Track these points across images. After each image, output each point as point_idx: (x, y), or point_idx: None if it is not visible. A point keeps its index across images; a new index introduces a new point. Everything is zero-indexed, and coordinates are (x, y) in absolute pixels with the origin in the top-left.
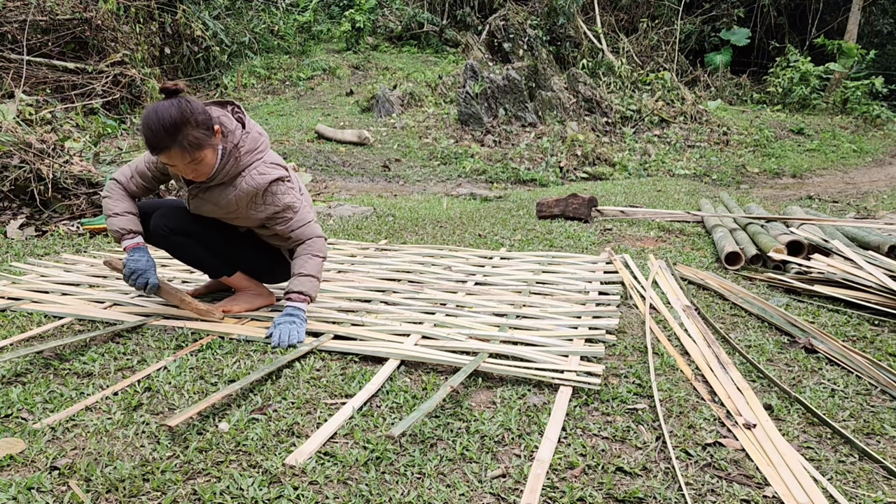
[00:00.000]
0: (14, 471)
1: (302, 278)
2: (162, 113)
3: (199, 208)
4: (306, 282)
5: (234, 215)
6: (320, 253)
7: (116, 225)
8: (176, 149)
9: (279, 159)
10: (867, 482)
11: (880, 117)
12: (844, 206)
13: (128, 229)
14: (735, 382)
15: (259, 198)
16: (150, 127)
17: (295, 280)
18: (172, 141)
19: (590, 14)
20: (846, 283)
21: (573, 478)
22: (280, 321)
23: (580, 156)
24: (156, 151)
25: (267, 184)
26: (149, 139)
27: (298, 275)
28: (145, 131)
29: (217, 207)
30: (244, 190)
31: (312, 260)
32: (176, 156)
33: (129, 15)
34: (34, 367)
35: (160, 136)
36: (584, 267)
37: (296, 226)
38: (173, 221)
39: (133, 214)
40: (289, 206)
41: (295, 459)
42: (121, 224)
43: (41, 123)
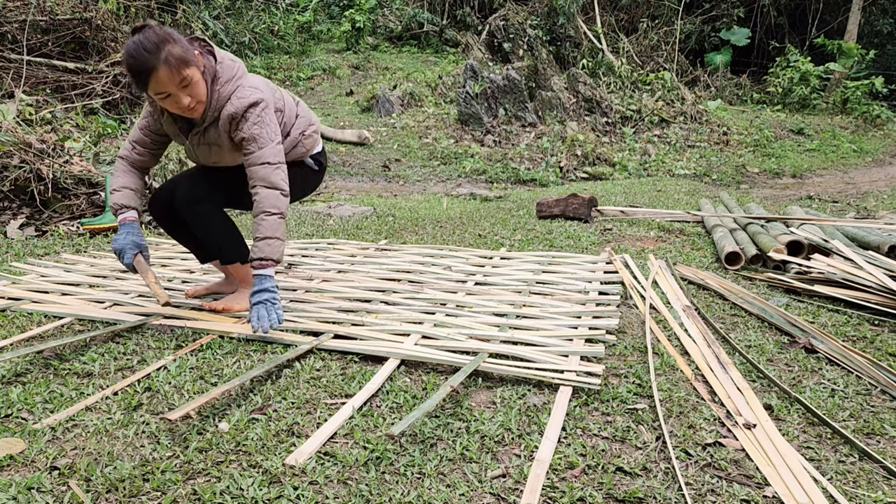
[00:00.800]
0: (14, 471)
1: (259, 243)
2: (140, 39)
3: (205, 157)
4: (264, 246)
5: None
6: (273, 209)
7: (111, 200)
8: (163, 68)
9: (260, 82)
10: (867, 482)
11: (880, 117)
12: (844, 206)
13: (119, 204)
14: (735, 382)
15: (235, 124)
16: (131, 54)
17: (254, 247)
18: (157, 59)
19: (590, 14)
20: (846, 283)
21: (573, 478)
22: (254, 300)
23: (580, 156)
24: (142, 77)
25: (244, 108)
26: (133, 66)
27: (255, 240)
28: (128, 60)
29: (218, 148)
30: (227, 119)
31: (266, 220)
32: (165, 78)
33: (130, 15)
34: (34, 366)
35: (143, 57)
36: (584, 267)
37: (256, 161)
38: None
39: (130, 189)
40: (255, 137)
41: (295, 459)
42: (114, 199)
43: (41, 123)
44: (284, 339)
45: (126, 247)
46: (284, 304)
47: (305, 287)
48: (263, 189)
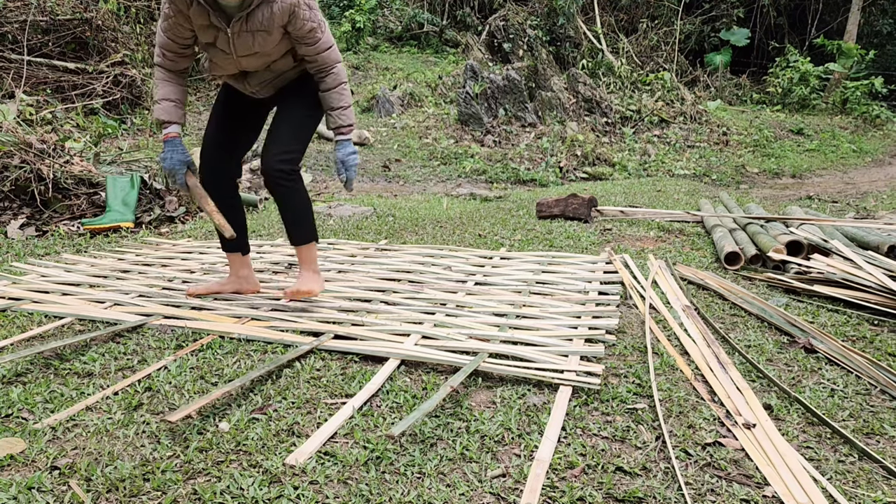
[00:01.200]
0: (14, 470)
1: (346, 111)
2: None
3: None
4: (350, 113)
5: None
6: (345, 80)
7: (155, 114)
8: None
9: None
10: (867, 482)
11: (880, 117)
12: (844, 207)
13: (161, 120)
14: (735, 382)
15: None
16: None
17: (341, 114)
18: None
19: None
20: (846, 283)
21: (573, 477)
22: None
23: (580, 156)
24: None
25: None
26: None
27: (340, 108)
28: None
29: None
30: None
31: (345, 92)
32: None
33: (130, 15)
34: (35, 366)
35: None
36: (584, 267)
37: (323, 47)
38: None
39: (170, 101)
40: (320, 22)
41: (295, 459)
42: (156, 113)
43: (42, 123)
44: (285, 340)
45: (174, 167)
46: (284, 304)
47: None
48: (336, 66)
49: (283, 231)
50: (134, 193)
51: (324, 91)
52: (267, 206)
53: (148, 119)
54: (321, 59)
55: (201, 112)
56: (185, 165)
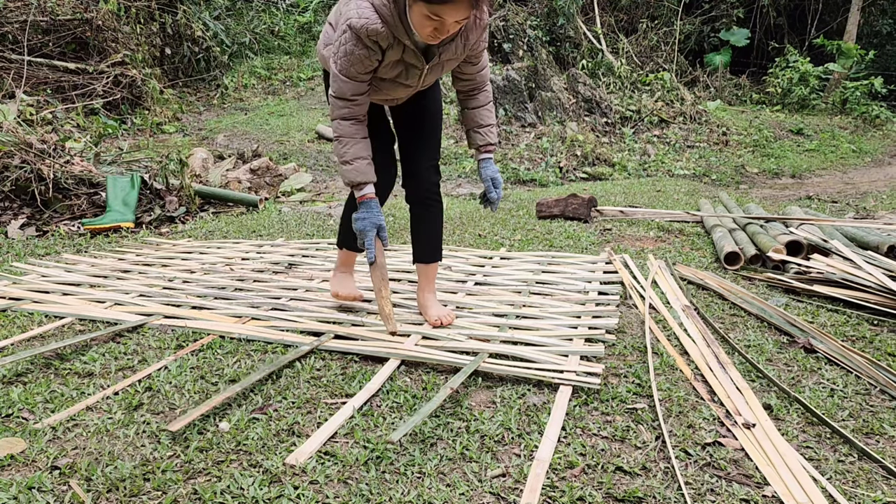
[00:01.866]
0: (15, 470)
1: (494, 128)
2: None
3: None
4: (496, 132)
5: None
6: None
7: (348, 176)
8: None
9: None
10: (866, 482)
11: (879, 117)
12: (844, 207)
13: (359, 181)
14: (734, 382)
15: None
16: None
17: (489, 131)
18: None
19: (589, 14)
20: (845, 283)
21: (573, 477)
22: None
23: (580, 156)
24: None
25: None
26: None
27: (490, 126)
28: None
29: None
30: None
31: (492, 109)
32: (460, 11)
33: (130, 15)
34: (35, 366)
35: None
36: (584, 267)
37: (484, 65)
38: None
39: (364, 159)
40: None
41: (295, 459)
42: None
43: (42, 124)
44: (285, 340)
45: (367, 228)
46: (284, 304)
47: (306, 287)
48: (488, 85)
49: (283, 231)
50: (134, 193)
51: (473, 108)
52: (267, 206)
53: (148, 119)
54: (480, 77)
55: (201, 112)
56: (376, 228)
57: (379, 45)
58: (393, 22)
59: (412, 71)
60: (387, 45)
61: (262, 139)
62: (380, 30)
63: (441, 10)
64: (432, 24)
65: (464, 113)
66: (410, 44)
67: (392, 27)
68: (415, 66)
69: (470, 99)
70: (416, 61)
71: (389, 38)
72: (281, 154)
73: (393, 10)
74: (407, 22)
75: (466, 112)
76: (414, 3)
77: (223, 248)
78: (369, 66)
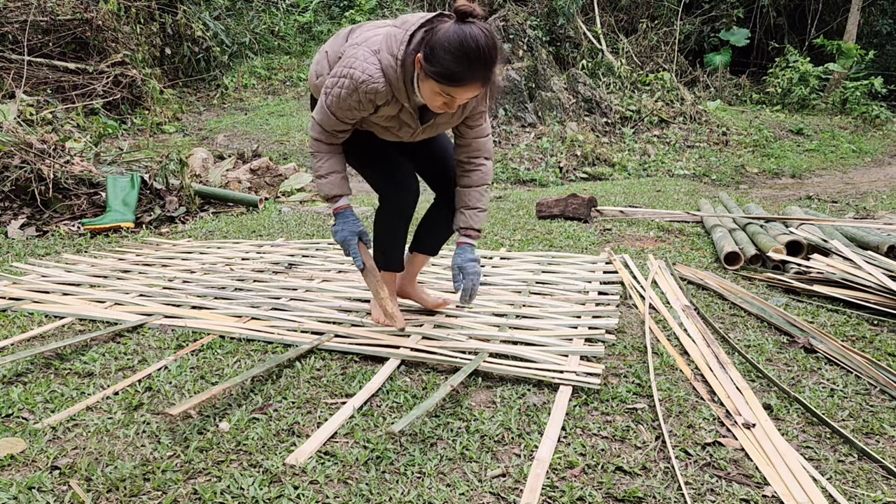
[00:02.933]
0: (15, 470)
1: (481, 214)
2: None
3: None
4: (483, 217)
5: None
6: (490, 182)
7: (324, 189)
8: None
9: None
10: (866, 482)
11: (879, 117)
12: (843, 207)
13: (333, 194)
14: (734, 382)
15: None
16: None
17: (474, 215)
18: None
19: (589, 14)
20: (845, 283)
21: (573, 477)
22: (469, 270)
23: (580, 156)
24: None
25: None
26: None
27: (477, 209)
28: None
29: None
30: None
31: (486, 192)
32: (472, 90)
33: (130, 15)
34: (35, 366)
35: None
36: (584, 267)
37: (483, 132)
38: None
39: (338, 174)
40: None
41: (295, 459)
42: (326, 189)
43: (42, 124)
44: (285, 339)
45: (348, 237)
46: (285, 304)
47: (306, 287)
48: (488, 161)
49: (283, 231)
50: (134, 193)
51: (465, 186)
52: (267, 206)
53: (148, 119)
54: (478, 144)
55: (202, 112)
56: (357, 236)
57: (373, 103)
58: (396, 83)
59: (405, 129)
60: (383, 103)
61: (262, 139)
62: (380, 90)
63: (454, 91)
64: (443, 99)
65: (456, 193)
66: (409, 105)
67: (394, 88)
68: (408, 125)
69: (464, 175)
70: (410, 121)
71: (387, 97)
72: (281, 154)
73: (399, 73)
74: (411, 86)
75: (458, 191)
76: (426, 79)
77: (223, 248)
78: (356, 116)
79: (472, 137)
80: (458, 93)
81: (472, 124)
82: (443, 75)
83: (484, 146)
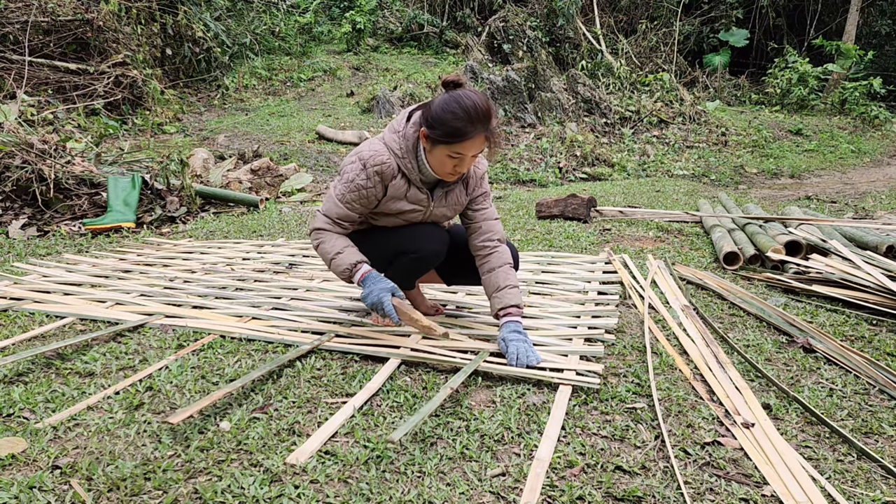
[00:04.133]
0: (16, 470)
1: (513, 290)
2: (473, 98)
3: (440, 216)
4: (517, 294)
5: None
6: (512, 261)
7: (343, 264)
8: (483, 135)
9: None
10: (865, 481)
11: (878, 118)
12: (842, 207)
13: (353, 262)
14: (733, 382)
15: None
16: (464, 110)
17: (506, 293)
18: (485, 128)
19: (589, 15)
20: (844, 283)
21: (572, 476)
22: (512, 338)
23: (579, 156)
24: (463, 138)
25: (485, 169)
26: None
27: (509, 287)
28: (457, 115)
29: (455, 206)
30: (474, 179)
31: (512, 271)
32: (477, 145)
33: (131, 16)
34: (36, 366)
35: (475, 121)
36: (584, 267)
37: (490, 216)
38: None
39: (352, 247)
40: (488, 192)
41: (296, 458)
42: (345, 261)
43: (43, 124)
44: (285, 339)
45: (381, 295)
46: (286, 304)
47: (307, 287)
48: (503, 244)
49: (284, 231)
50: (135, 194)
51: (487, 272)
52: (268, 206)
53: (149, 119)
54: (487, 225)
55: (202, 113)
56: (390, 292)
57: (381, 179)
58: (401, 155)
59: (416, 211)
60: (390, 180)
61: (262, 139)
62: (385, 161)
63: (462, 147)
64: (453, 161)
65: (483, 284)
66: (417, 179)
67: (400, 160)
68: (417, 206)
69: (485, 262)
70: (420, 198)
71: (394, 172)
72: (281, 154)
73: (403, 146)
74: (419, 158)
75: (483, 278)
76: (435, 148)
77: (224, 248)
78: (365, 201)
79: (481, 220)
80: (465, 148)
81: (476, 207)
82: (449, 134)
83: (494, 228)
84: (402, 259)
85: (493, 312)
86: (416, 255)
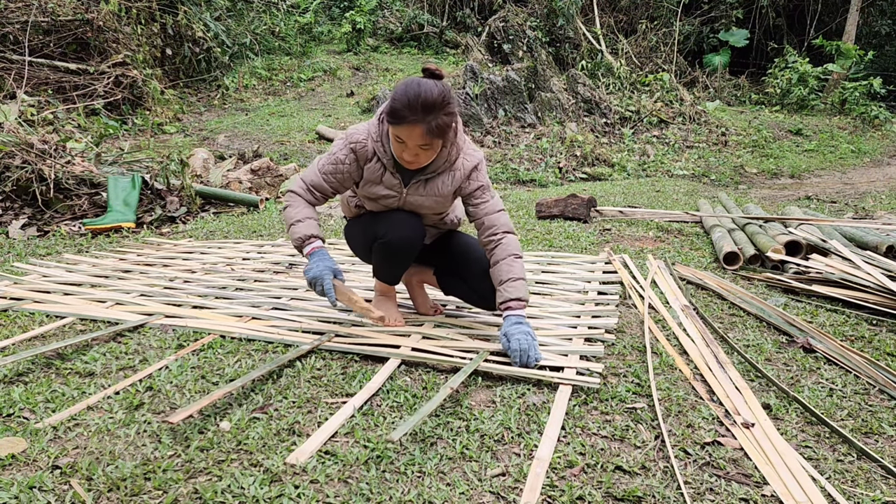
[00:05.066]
0: (16, 470)
1: (516, 283)
2: (424, 87)
3: (417, 204)
4: (521, 286)
5: (442, 204)
6: (519, 252)
7: (298, 233)
8: (421, 127)
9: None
10: (865, 481)
11: (878, 118)
12: (842, 207)
13: (306, 235)
14: (733, 382)
15: (467, 178)
16: (407, 95)
17: (509, 286)
18: (422, 119)
19: (589, 15)
20: (844, 283)
21: (572, 476)
22: (514, 333)
23: (579, 156)
24: (399, 121)
25: (476, 163)
26: (398, 108)
27: (511, 279)
28: (400, 98)
29: (436, 197)
30: (462, 172)
31: (517, 262)
32: (416, 135)
33: (131, 16)
34: (36, 366)
35: (414, 108)
36: (584, 267)
37: (492, 209)
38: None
39: (312, 220)
40: (488, 185)
41: (296, 458)
42: (299, 231)
43: (43, 124)
44: (286, 339)
45: (322, 272)
46: (285, 304)
47: (307, 286)
48: (508, 235)
49: (283, 231)
50: (135, 194)
51: (493, 264)
52: (268, 207)
53: (149, 119)
54: (490, 219)
55: (202, 113)
56: (332, 272)
57: (356, 158)
58: (376, 139)
59: (391, 196)
60: (364, 161)
61: (262, 139)
62: (361, 140)
63: (398, 131)
64: (400, 146)
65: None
66: (389, 163)
67: (375, 143)
68: (391, 192)
69: (491, 254)
70: (394, 183)
71: (369, 154)
72: (281, 154)
73: (377, 130)
74: (388, 143)
75: (491, 273)
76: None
77: (224, 248)
78: (340, 176)
79: (482, 215)
80: (402, 133)
81: (475, 202)
82: (389, 114)
83: (498, 220)
84: (375, 245)
85: (497, 307)
86: (383, 241)
